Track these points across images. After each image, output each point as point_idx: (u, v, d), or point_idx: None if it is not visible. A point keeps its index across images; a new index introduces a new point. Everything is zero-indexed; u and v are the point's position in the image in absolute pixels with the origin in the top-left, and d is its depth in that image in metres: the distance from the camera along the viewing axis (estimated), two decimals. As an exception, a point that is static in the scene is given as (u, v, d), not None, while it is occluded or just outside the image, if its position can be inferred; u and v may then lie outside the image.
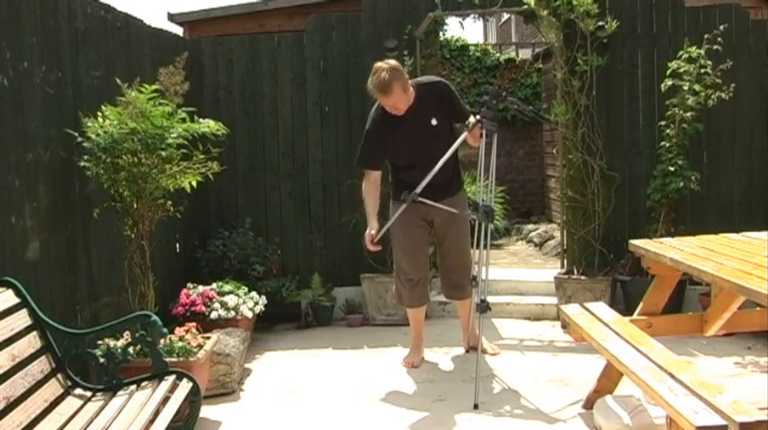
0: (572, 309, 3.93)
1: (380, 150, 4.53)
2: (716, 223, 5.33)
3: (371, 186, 4.59)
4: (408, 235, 4.63)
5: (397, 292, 4.85)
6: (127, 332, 3.62)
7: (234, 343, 4.42)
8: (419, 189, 4.33)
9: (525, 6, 5.61)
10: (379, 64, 4.36)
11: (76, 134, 3.86)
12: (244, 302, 5.00)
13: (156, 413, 3.01)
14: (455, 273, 4.75)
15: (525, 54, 11.32)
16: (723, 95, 5.20)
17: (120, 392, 3.29)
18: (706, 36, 5.26)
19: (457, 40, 10.54)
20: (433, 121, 4.44)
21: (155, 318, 3.44)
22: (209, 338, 4.14)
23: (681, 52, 5.35)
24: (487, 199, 4.39)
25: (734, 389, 2.70)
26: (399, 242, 4.70)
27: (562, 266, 5.84)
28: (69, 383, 3.27)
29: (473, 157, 11.37)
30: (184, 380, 3.34)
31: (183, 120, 4.01)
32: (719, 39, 5.22)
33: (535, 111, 4.29)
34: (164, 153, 3.91)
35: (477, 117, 4.37)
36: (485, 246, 4.31)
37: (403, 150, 4.52)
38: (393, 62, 4.40)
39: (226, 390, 4.33)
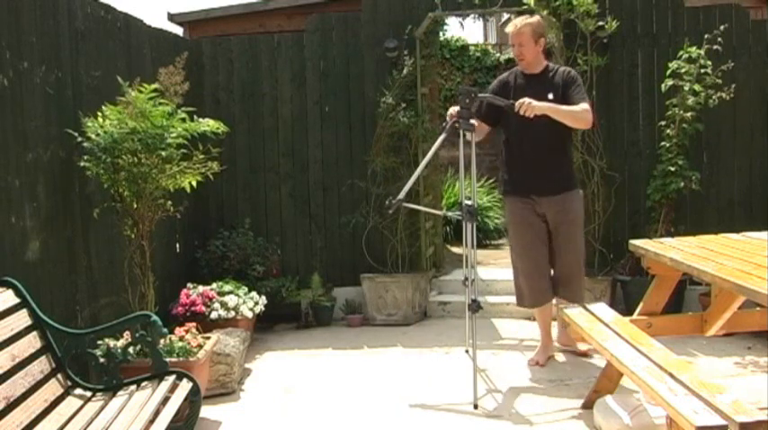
0: (572, 309, 3.93)
1: (494, 105, 4.45)
2: (716, 223, 5.34)
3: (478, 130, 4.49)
4: (519, 232, 4.60)
5: (516, 292, 4.75)
6: (127, 332, 3.62)
7: (234, 343, 4.42)
8: (402, 194, 4.33)
9: (525, 6, 5.61)
10: None
11: (76, 134, 3.86)
12: (244, 302, 5.01)
13: (156, 413, 3.01)
14: (562, 273, 4.58)
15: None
16: (724, 95, 5.21)
17: (120, 392, 3.29)
18: (706, 36, 5.27)
19: (457, 40, 10.53)
20: (550, 95, 4.32)
21: (155, 318, 3.44)
22: (209, 338, 4.14)
23: (681, 52, 5.35)
24: (471, 198, 4.37)
25: (734, 389, 2.70)
26: (512, 239, 4.70)
27: (562, 266, 5.82)
28: (69, 383, 3.27)
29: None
30: (184, 380, 3.34)
31: (183, 120, 4.01)
32: (720, 39, 5.22)
33: (512, 104, 4.28)
34: (164, 153, 3.91)
35: (453, 119, 4.36)
36: (472, 246, 4.28)
37: (514, 116, 4.36)
38: (539, 18, 4.59)
39: (226, 390, 4.33)
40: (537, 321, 4.83)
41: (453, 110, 4.34)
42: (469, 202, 4.27)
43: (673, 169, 5.31)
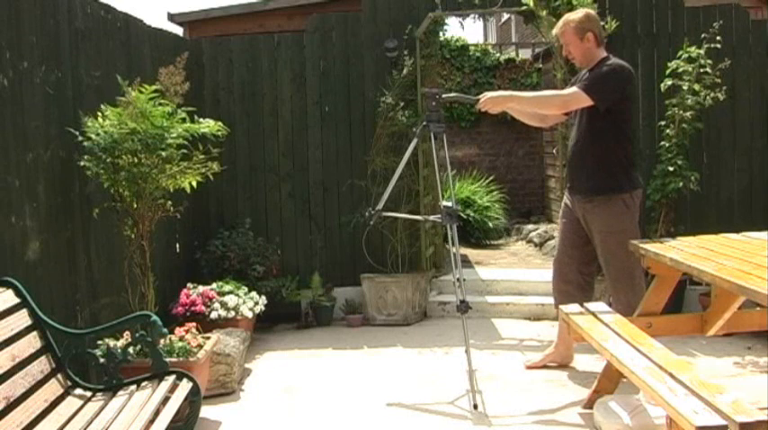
0: (572, 309, 3.93)
1: None
2: (716, 223, 5.33)
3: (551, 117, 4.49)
4: (560, 223, 4.51)
5: None
6: (127, 332, 3.62)
7: (234, 343, 4.42)
8: (381, 205, 4.33)
9: (525, 6, 5.61)
10: None
11: (77, 134, 3.86)
12: (244, 302, 5.01)
13: (156, 413, 3.01)
14: (608, 283, 4.35)
15: (525, 54, 11.32)
16: (719, 95, 5.20)
17: (120, 392, 3.29)
18: (704, 35, 5.28)
19: (457, 40, 10.54)
20: None
21: (155, 318, 3.44)
22: (209, 338, 4.14)
23: (681, 52, 5.35)
24: (450, 200, 4.36)
25: (734, 390, 2.70)
26: None
27: (562, 266, 5.82)
28: (69, 383, 3.27)
29: (472, 157, 11.35)
30: (184, 380, 3.34)
31: (183, 120, 4.01)
32: (719, 38, 5.23)
33: (477, 100, 4.25)
34: (164, 153, 3.91)
35: (423, 123, 4.38)
36: (458, 247, 4.29)
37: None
38: (587, 11, 4.28)
39: (226, 390, 4.33)
40: None
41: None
42: (449, 204, 4.27)
43: (672, 169, 5.31)
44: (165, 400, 3.14)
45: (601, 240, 4.21)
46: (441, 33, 6.53)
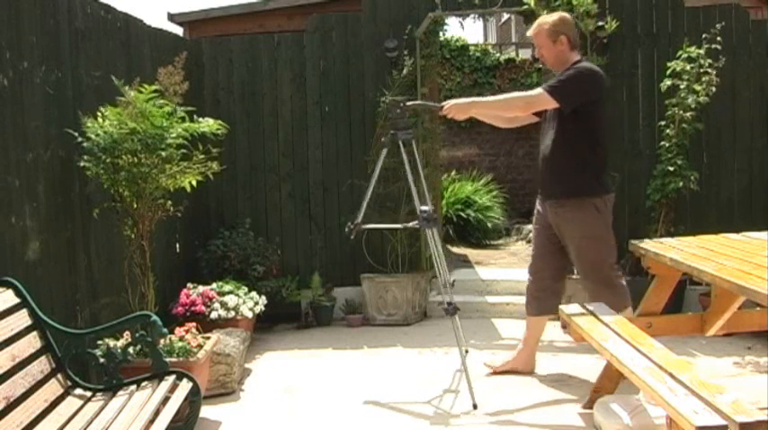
0: (572, 309, 3.92)
1: None
2: (716, 223, 5.33)
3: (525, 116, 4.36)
4: (533, 230, 4.48)
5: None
6: (127, 332, 3.62)
7: (234, 343, 4.42)
8: (359, 217, 4.38)
9: (525, 6, 5.61)
10: None
11: (76, 134, 3.86)
12: (244, 302, 5.00)
13: (156, 413, 3.01)
14: (587, 289, 4.31)
15: (525, 54, 11.33)
16: (712, 87, 5.20)
17: (120, 392, 3.29)
18: (704, 36, 5.28)
19: (457, 40, 10.55)
20: None
21: (155, 318, 3.44)
22: (209, 338, 4.14)
23: (680, 52, 5.35)
24: (427, 205, 4.36)
25: (734, 390, 2.69)
26: None
27: (562, 266, 5.81)
28: (69, 383, 3.27)
29: (472, 157, 11.34)
30: (184, 380, 3.34)
31: (183, 119, 4.01)
32: (719, 38, 5.23)
33: (441, 107, 4.22)
34: (164, 153, 3.90)
35: (392, 132, 4.40)
36: (438, 251, 4.29)
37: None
38: (561, 15, 4.21)
39: (226, 390, 4.33)
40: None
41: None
42: (426, 208, 4.26)
43: (672, 169, 5.31)
44: (165, 400, 3.14)
45: (575, 247, 4.14)
46: (441, 33, 6.54)
